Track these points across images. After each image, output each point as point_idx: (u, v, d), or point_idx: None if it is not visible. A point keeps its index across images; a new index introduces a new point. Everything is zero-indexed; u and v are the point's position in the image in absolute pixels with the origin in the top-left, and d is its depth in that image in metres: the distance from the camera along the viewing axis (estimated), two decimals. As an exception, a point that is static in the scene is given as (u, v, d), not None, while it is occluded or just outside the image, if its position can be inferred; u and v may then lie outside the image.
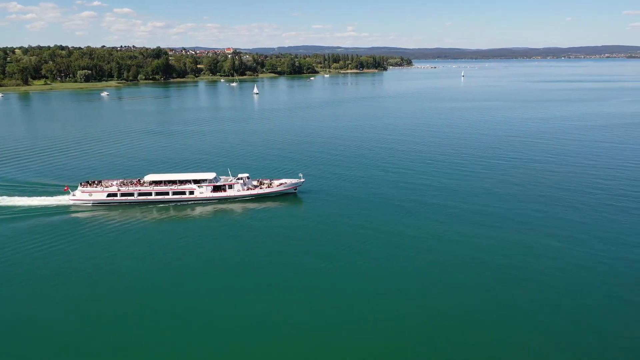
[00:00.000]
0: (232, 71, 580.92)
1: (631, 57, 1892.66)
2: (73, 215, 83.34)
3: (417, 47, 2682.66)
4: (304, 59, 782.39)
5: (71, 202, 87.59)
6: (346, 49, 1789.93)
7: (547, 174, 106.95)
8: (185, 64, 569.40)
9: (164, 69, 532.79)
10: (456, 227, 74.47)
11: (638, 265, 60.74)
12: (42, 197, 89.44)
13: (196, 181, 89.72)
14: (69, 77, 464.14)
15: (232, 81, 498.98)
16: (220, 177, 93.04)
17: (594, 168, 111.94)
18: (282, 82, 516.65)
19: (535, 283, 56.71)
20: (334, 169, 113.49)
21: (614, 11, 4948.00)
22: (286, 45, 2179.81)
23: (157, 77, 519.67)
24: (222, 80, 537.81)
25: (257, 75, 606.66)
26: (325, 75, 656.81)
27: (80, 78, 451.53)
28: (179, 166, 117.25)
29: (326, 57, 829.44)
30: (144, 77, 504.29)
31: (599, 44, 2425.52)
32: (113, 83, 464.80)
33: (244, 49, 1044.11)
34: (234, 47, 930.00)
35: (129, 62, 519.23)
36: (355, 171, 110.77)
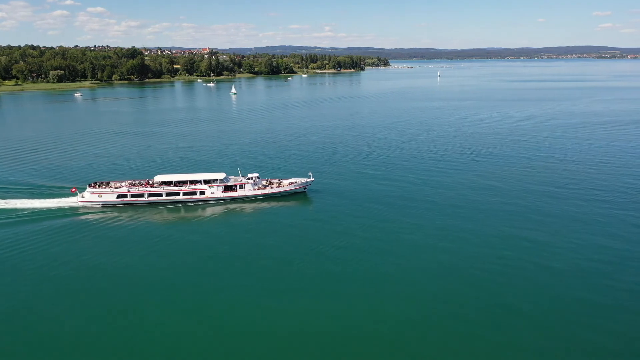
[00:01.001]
0: (209, 71, 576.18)
1: (601, 57, 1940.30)
2: (84, 216, 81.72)
3: (393, 47, 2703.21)
4: (282, 59, 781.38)
5: (80, 204, 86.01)
6: (324, 49, 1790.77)
7: (527, 170, 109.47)
8: (161, 64, 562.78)
9: (139, 69, 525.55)
10: (458, 223, 76.05)
11: (616, 253, 62.85)
12: (50, 199, 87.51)
13: (206, 181, 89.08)
14: (41, 78, 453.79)
15: (210, 81, 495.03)
16: (230, 177, 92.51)
17: (566, 164, 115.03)
18: (260, 82, 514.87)
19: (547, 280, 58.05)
20: (329, 168, 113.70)
21: (585, 12, 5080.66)
22: (263, 45, 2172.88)
23: (132, 77, 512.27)
24: (199, 80, 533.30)
25: (234, 76, 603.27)
26: (303, 76, 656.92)
27: (53, 78, 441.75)
28: (169, 167, 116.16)
29: (304, 57, 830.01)
30: (118, 78, 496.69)
31: (570, 45, 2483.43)
32: (87, 83, 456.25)
33: (221, 49, 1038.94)
34: (211, 47, 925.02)
35: (103, 62, 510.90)
36: (350, 169, 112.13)
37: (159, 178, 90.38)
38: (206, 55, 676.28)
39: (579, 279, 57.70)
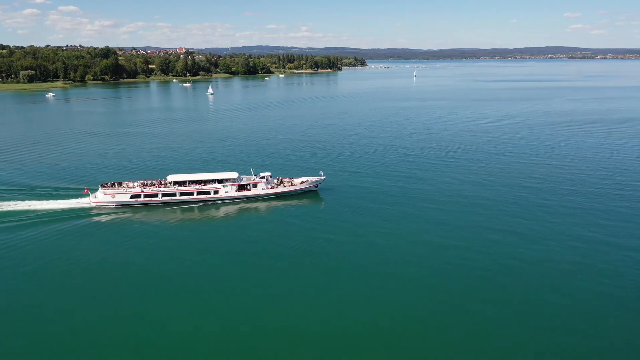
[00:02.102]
0: (185, 71, 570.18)
1: (571, 57, 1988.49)
2: (98, 218, 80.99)
3: (370, 47, 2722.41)
4: (259, 59, 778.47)
5: (93, 205, 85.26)
6: (301, 49, 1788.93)
7: (505, 167, 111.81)
8: (135, 64, 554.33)
9: (113, 69, 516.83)
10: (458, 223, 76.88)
11: (586, 247, 64.77)
12: (61, 201, 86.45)
13: (220, 180, 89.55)
14: (11, 78, 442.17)
15: (186, 81, 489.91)
16: (242, 176, 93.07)
17: (538, 161, 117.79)
18: (237, 83, 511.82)
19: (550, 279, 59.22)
20: (325, 166, 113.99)
21: (556, 14, 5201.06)
22: (240, 45, 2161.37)
23: (106, 77, 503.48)
24: (174, 80, 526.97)
25: (210, 76, 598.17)
26: (281, 76, 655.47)
27: (24, 79, 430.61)
28: (162, 167, 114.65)
29: (281, 57, 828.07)
30: (92, 78, 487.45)
31: (543, 45, 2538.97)
32: (59, 84, 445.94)
33: (197, 49, 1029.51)
34: (187, 47, 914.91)
35: (75, 62, 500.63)
36: (355, 166, 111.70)
37: (171, 178, 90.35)
38: (182, 55, 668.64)
39: (565, 273, 59.25)
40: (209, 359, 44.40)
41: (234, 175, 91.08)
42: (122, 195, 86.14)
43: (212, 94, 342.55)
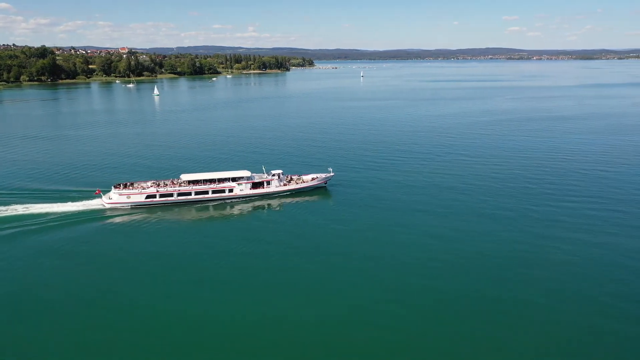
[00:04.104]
0: (128, 72, 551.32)
1: (510, 58, 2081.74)
2: (114, 219, 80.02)
3: (318, 47, 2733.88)
4: (205, 59, 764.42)
5: (108, 206, 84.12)
6: (248, 49, 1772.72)
7: (456, 164, 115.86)
8: (75, 64, 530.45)
9: (51, 69, 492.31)
10: (452, 221, 78.67)
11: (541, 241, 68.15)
12: (74, 203, 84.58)
13: (234, 179, 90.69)
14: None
15: (129, 82, 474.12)
16: (254, 174, 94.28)
17: (483, 158, 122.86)
18: (184, 83, 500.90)
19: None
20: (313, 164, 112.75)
21: (495, 16, 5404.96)
22: (185, 45, 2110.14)
23: (43, 78, 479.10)
24: (117, 81, 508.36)
25: (155, 76, 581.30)
26: (228, 76, 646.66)
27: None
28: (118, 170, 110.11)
29: (228, 57, 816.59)
30: (27, 79, 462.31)
31: (483, 47, 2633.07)
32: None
33: (141, 49, 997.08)
34: (130, 46, 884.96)
35: (9, 62, 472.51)
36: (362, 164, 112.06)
37: (185, 177, 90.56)
38: (125, 55, 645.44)
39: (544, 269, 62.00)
40: (240, 352, 44.98)
41: (247, 173, 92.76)
42: (137, 196, 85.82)
43: (157, 95, 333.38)
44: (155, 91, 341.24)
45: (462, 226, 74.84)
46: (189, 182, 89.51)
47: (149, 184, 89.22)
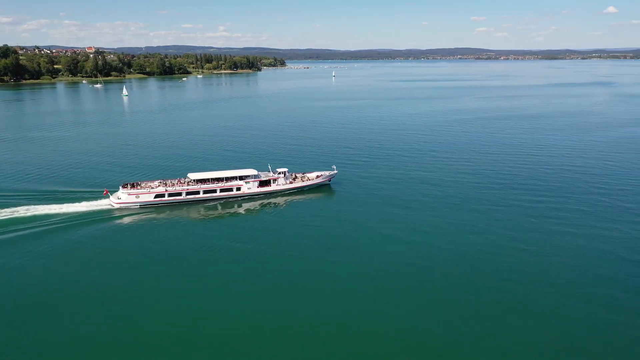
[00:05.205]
0: (95, 72, 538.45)
1: (478, 58, 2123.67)
2: (124, 219, 79.95)
3: (289, 47, 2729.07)
4: (175, 59, 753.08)
5: (117, 206, 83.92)
6: (219, 49, 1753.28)
7: (438, 161, 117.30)
8: (39, 64, 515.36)
9: (14, 69, 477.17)
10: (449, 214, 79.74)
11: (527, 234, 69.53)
12: (82, 203, 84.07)
13: (241, 177, 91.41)
14: None
15: (96, 82, 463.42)
16: (260, 172, 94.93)
17: (454, 155, 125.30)
18: (153, 83, 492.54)
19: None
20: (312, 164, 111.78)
21: (463, 17, 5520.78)
22: (155, 45, 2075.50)
23: (5, 78, 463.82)
24: (84, 81, 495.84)
25: (124, 76, 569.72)
26: (199, 76, 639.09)
27: None
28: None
29: (198, 57, 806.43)
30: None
31: (452, 47, 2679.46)
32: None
33: (108, 49, 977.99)
34: (97, 46, 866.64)
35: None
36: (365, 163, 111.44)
37: (192, 176, 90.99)
38: (91, 55, 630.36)
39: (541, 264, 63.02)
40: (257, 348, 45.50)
41: (253, 172, 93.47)
42: (146, 195, 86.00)
43: (126, 95, 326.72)
44: (124, 91, 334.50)
45: (438, 221, 76.07)
46: (197, 181, 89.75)
47: (156, 183, 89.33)
